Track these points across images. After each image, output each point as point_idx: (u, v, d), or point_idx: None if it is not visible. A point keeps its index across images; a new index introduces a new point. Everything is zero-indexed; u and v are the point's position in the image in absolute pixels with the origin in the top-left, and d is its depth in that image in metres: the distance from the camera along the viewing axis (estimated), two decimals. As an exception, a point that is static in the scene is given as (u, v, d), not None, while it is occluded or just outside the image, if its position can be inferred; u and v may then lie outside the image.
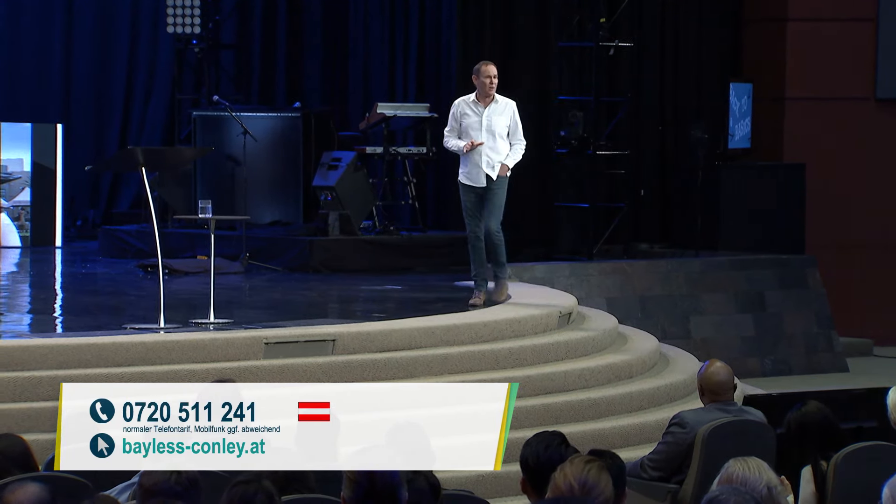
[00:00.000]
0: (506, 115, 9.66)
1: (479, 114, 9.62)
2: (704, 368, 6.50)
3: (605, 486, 3.99)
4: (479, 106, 9.62)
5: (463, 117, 9.63)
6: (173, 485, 4.11)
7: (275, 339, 8.20)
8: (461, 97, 9.82)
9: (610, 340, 9.75)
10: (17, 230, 14.51)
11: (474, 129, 9.58)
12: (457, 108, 9.71)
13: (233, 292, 10.94)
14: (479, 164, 9.60)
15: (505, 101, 9.68)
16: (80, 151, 14.98)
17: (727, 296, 13.15)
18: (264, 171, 13.64)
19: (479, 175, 9.61)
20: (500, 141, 9.63)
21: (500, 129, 9.62)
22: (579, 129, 13.58)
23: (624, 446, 8.06)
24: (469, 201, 9.67)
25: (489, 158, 9.61)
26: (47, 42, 15.45)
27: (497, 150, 9.62)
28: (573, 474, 3.95)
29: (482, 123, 9.59)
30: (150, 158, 9.05)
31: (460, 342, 8.75)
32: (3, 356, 7.58)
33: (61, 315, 10.20)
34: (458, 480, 7.12)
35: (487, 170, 9.61)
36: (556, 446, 4.67)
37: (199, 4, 14.70)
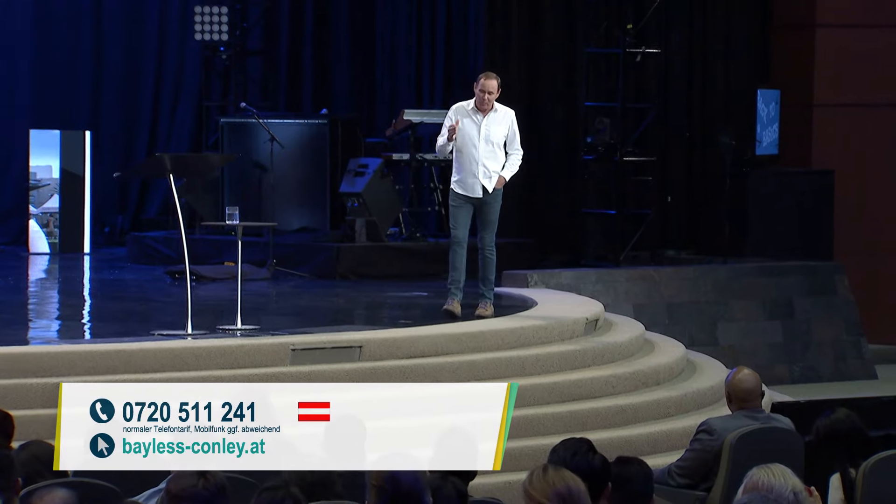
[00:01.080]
0: (504, 125, 9.39)
1: (478, 122, 9.35)
2: (732, 375, 6.48)
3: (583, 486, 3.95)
4: (478, 114, 9.35)
5: (462, 122, 9.34)
6: (200, 490, 4.10)
7: (301, 345, 8.21)
8: (460, 102, 9.53)
9: (637, 347, 9.72)
10: (45, 237, 14.58)
11: (471, 137, 9.31)
12: (454, 112, 9.41)
13: (260, 299, 10.97)
14: (474, 173, 9.32)
15: (504, 110, 9.42)
16: (109, 158, 15.05)
17: (755, 303, 13.10)
18: (291, 177, 13.67)
19: (475, 185, 9.33)
20: (498, 150, 9.37)
21: (497, 139, 9.35)
22: (606, 135, 13.56)
23: (651, 453, 8.03)
24: (458, 210, 9.38)
25: (485, 168, 9.33)
26: (76, 50, 15.53)
27: (494, 159, 9.35)
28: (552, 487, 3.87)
29: (480, 132, 9.32)
30: (177, 165, 9.09)
31: (487, 349, 8.74)
32: (33, 362, 7.61)
33: (90, 321, 10.24)
34: (486, 488, 7.11)
35: (484, 180, 9.34)
36: (584, 453, 4.65)
37: (226, 12, 14.75)
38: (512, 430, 8.07)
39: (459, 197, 9.36)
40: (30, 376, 7.52)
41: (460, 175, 9.35)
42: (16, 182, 14.95)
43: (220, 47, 14.89)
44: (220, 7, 14.75)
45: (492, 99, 9.27)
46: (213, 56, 15.03)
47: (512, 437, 8.03)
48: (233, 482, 4.35)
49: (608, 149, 13.56)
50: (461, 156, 9.32)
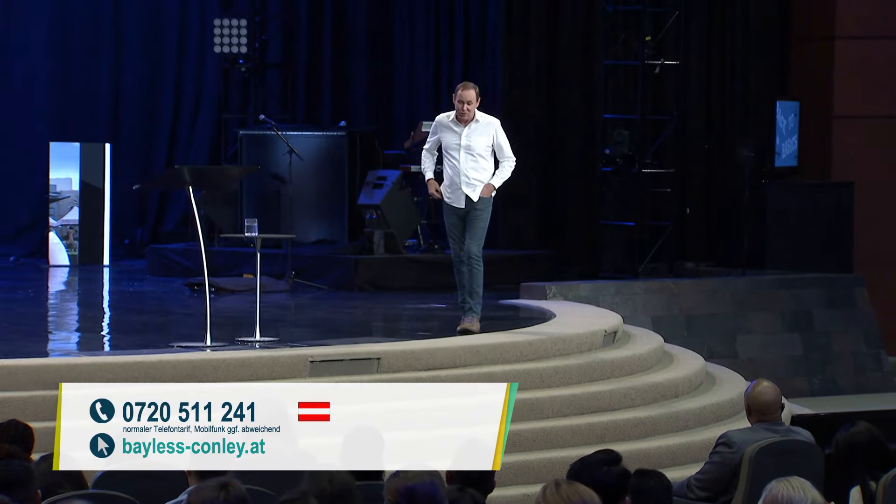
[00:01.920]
0: (486, 135, 9.17)
1: (458, 132, 9.17)
2: (752, 388, 6.46)
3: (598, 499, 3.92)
4: (459, 125, 9.17)
5: (442, 135, 9.20)
6: (221, 502, 4.11)
7: (320, 357, 8.22)
8: (442, 114, 9.37)
9: (655, 359, 9.70)
10: (65, 249, 14.63)
11: (453, 149, 9.14)
12: (437, 124, 9.28)
13: (278, 311, 10.98)
14: (458, 184, 9.16)
15: (487, 120, 9.21)
16: (128, 170, 15.10)
17: (774, 315, 13.06)
18: (310, 189, 13.70)
19: (460, 196, 9.17)
20: (482, 160, 9.17)
21: (480, 149, 9.15)
22: (624, 147, 13.56)
23: (670, 466, 8.01)
24: (451, 223, 9.26)
25: (467, 178, 9.14)
26: (95, 62, 15.59)
27: (477, 169, 9.16)
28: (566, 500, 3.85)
29: (461, 143, 9.15)
30: (196, 177, 9.11)
31: (505, 360, 8.73)
32: (53, 374, 7.64)
33: (109, 333, 10.27)
34: (504, 501, 7.10)
35: (467, 190, 9.16)
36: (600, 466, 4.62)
37: (245, 24, 14.81)
38: (530, 442, 8.11)
39: (449, 209, 9.24)
40: (50, 388, 7.53)
41: (448, 187, 9.22)
42: (36, 194, 15.02)
43: (239, 60, 14.94)
44: (239, 20, 14.80)
45: (471, 109, 9.08)
46: (232, 68, 15.08)
47: (530, 449, 8.07)
48: (253, 494, 4.35)
49: (627, 160, 13.55)
50: (446, 167, 9.21)
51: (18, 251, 14.99)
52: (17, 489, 4.41)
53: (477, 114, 9.16)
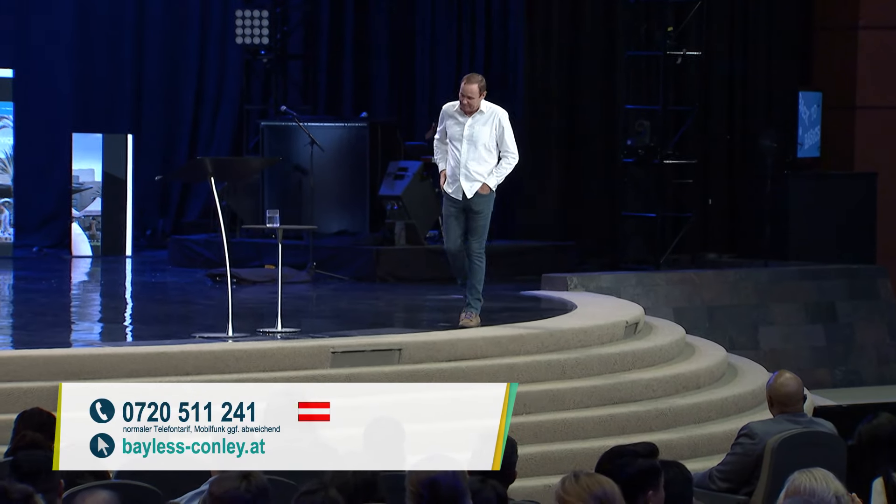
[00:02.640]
0: (490, 125, 8.98)
1: (462, 123, 8.99)
2: (774, 379, 6.44)
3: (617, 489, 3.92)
4: (464, 116, 9.00)
5: (447, 124, 9.03)
6: (243, 493, 4.12)
7: (342, 348, 8.23)
8: (449, 103, 9.19)
9: (677, 351, 9.68)
10: (88, 240, 14.69)
11: (456, 139, 8.98)
12: (444, 113, 9.10)
13: (300, 301, 11.00)
14: (457, 176, 8.98)
15: (491, 111, 9.01)
16: (150, 162, 15.15)
17: (797, 306, 13.02)
18: (331, 180, 13.71)
19: (458, 189, 8.99)
20: (484, 152, 8.98)
21: (483, 140, 8.97)
22: (646, 138, 13.53)
23: (692, 457, 8.00)
24: (447, 213, 9.08)
25: (467, 171, 8.97)
26: (118, 54, 15.63)
27: (480, 161, 8.96)
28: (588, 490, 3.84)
29: (464, 133, 8.96)
30: (218, 168, 9.12)
31: (526, 352, 8.73)
32: (75, 364, 7.67)
33: (131, 324, 10.31)
34: (525, 492, 7.10)
35: (466, 183, 8.97)
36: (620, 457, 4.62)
37: (267, 16, 14.82)
38: (551, 433, 8.11)
39: (448, 199, 9.06)
40: (72, 378, 7.57)
41: (448, 176, 9.08)
42: (59, 185, 15.07)
43: (260, 51, 14.96)
44: (261, 11, 14.82)
45: (473, 103, 8.91)
46: (254, 60, 15.10)
47: (551, 440, 8.07)
48: (274, 485, 4.36)
49: (648, 151, 13.52)
50: (448, 157, 9.06)
51: (41, 242, 15.06)
52: (41, 478, 4.44)
53: (482, 104, 8.99)
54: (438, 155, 9.19)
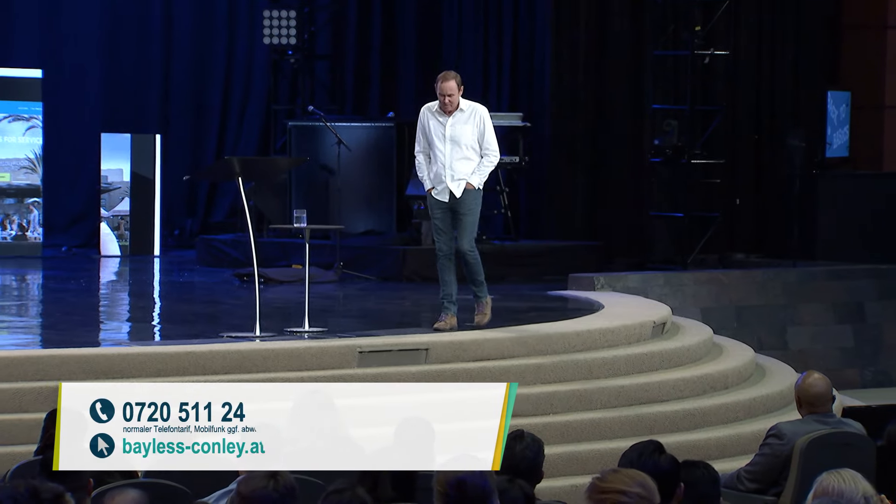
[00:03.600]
0: (471, 123, 8.74)
1: (443, 122, 8.75)
2: (802, 379, 6.42)
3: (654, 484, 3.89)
4: (443, 115, 8.76)
5: (427, 125, 8.78)
6: (270, 492, 4.13)
7: (368, 347, 8.24)
8: (427, 104, 8.92)
9: (705, 351, 9.66)
10: (116, 239, 14.75)
11: (438, 139, 8.73)
12: (422, 116, 8.83)
13: (327, 301, 11.02)
14: (442, 177, 8.74)
15: (472, 108, 8.77)
16: (178, 161, 15.20)
17: (825, 306, 12.97)
18: (358, 180, 13.73)
19: (444, 190, 8.78)
20: (468, 150, 8.74)
21: (465, 139, 8.73)
22: (674, 137, 13.50)
23: (720, 458, 7.98)
24: (436, 216, 8.83)
25: (453, 171, 8.72)
26: (146, 54, 15.69)
27: (463, 160, 8.73)
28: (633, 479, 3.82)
29: (445, 133, 8.72)
30: (246, 168, 9.14)
31: (553, 352, 8.72)
32: (104, 364, 7.70)
33: (159, 323, 10.34)
34: (552, 492, 7.10)
35: (451, 184, 8.75)
36: (650, 454, 4.62)
37: (294, 15, 14.85)
38: (578, 433, 8.10)
39: (434, 202, 8.82)
40: (101, 377, 7.61)
41: (432, 179, 8.83)
42: (87, 185, 15.14)
43: (288, 51, 14.99)
44: (288, 11, 14.85)
45: (453, 100, 8.69)
46: (282, 60, 15.14)
47: (579, 440, 8.06)
48: (302, 483, 4.37)
49: (676, 151, 13.49)
50: (432, 159, 8.80)
51: (70, 241, 15.13)
52: (69, 477, 4.46)
53: (461, 102, 8.75)
54: (422, 171, 8.84)
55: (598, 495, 3.75)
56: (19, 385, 7.30)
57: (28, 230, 14.62)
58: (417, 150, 8.89)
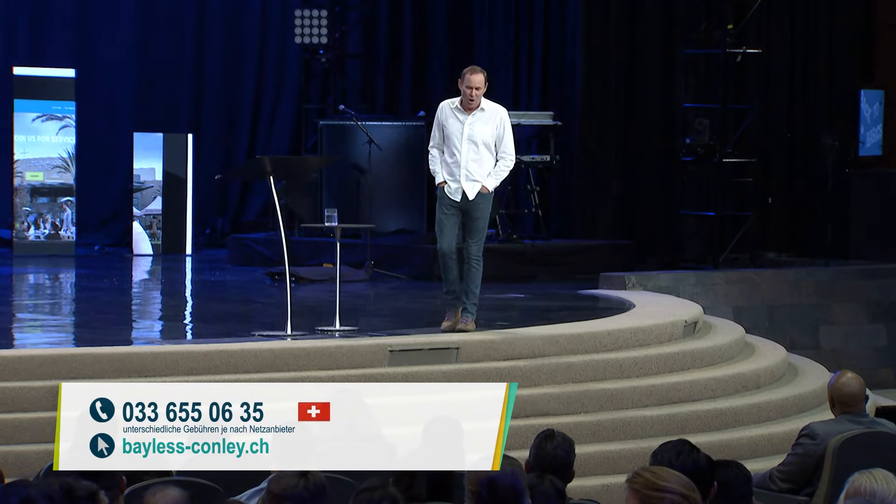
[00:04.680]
0: (492, 124, 8.55)
1: (462, 121, 8.56)
2: (835, 379, 6.38)
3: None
4: (463, 113, 8.57)
5: (445, 123, 8.60)
6: (301, 490, 4.14)
7: (399, 346, 8.25)
8: (446, 100, 8.72)
9: (737, 350, 9.62)
10: (148, 238, 14.82)
11: (455, 137, 8.54)
12: (441, 113, 8.64)
13: (358, 300, 11.04)
14: (457, 177, 8.56)
15: (493, 109, 8.59)
16: (210, 161, 15.26)
17: (858, 305, 12.90)
18: (389, 179, 13.75)
19: (458, 190, 8.57)
20: (485, 151, 8.55)
21: (484, 139, 8.54)
22: (705, 136, 13.45)
23: (752, 457, 7.95)
24: (445, 213, 8.61)
25: (468, 172, 8.54)
26: (178, 54, 15.76)
27: (480, 161, 8.54)
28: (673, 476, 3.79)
29: (464, 131, 8.54)
30: (277, 167, 9.17)
31: (584, 351, 8.70)
32: (136, 362, 7.74)
33: (191, 322, 10.38)
34: (584, 491, 7.09)
35: (466, 185, 8.55)
36: (688, 452, 4.60)
37: (326, 15, 14.88)
38: (610, 432, 8.08)
39: (445, 200, 8.61)
40: (133, 376, 7.65)
41: (446, 178, 8.64)
42: (120, 184, 15.22)
43: (319, 50, 15.02)
44: (319, 10, 14.88)
45: (479, 95, 8.50)
46: (313, 59, 15.17)
47: (609, 439, 8.04)
48: (332, 482, 4.38)
49: (707, 150, 13.44)
50: (447, 157, 8.62)
51: (103, 240, 15.22)
52: (103, 475, 4.48)
53: (483, 101, 8.58)
54: (435, 165, 8.66)
55: (649, 491, 3.72)
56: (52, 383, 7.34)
57: (61, 229, 14.71)
58: (432, 144, 8.73)
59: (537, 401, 8.06)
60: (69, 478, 3.90)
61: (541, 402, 8.07)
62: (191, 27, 15.75)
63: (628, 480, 3.77)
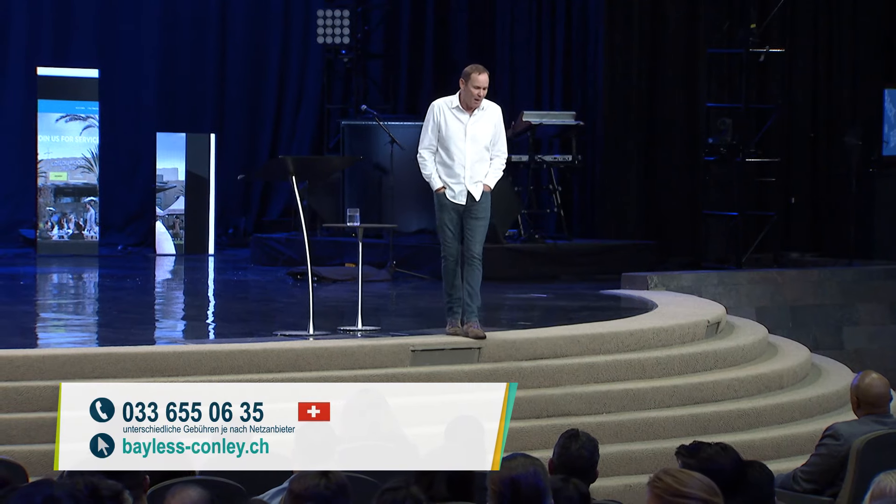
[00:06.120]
0: (490, 123, 8.35)
1: (464, 121, 8.33)
2: (859, 380, 6.36)
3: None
4: (464, 112, 8.34)
5: (443, 123, 8.36)
6: (323, 490, 4.15)
7: (421, 346, 8.25)
8: (440, 99, 8.48)
9: (759, 350, 9.60)
10: (171, 238, 14.86)
11: (458, 138, 8.30)
12: (438, 113, 8.39)
13: (380, 300, 11.04)
14: (461, 179, 8.31)
15: (491, 107, 8.38)
16: (233, 161, 15.30)
17: (882, 305, 12.84)
18: (411, 179, 13.71)
19: (462, 192, 8.33)
20: (484, 151, 8.34)
21: (484, 139, 8.32)
22: (728, 136, 13.41)
23: (775, 458, 7.92)
24: (448, 218, 8.37)
25: (472, 173, 8.32)
26: (201, 55, 15.80)
27: (482, 161, 8.33)
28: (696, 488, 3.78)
29: (466, 132, 8.32)
30: (300, 167, 9.18)
31: (606, 351, 8.69)
32: (159, 361, 7.76)
33: (214, 322, 10.41)
34: (606, 491, 7.08)
35: (470, 186, 8.32)
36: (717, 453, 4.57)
37: (348, 15, 14.90)
38: (632, 432, 8.07)
39: (448, 204, 8.36)
40: (156, 376, 7.67)
41: (445, 182, 8.38)
42: (143, 185, 15.27)
43: (341, 50, 15.04)
44: (342, 10, 14.90)
45: (484, 95, 8.31)
46: (335, 59, 15.19)
47: (632, 439, 8.03)
48: (354, 482, 4.38)
49: (730, 150, 13.40)
50: (446, 159, 8.36)
51: (126, 240, 15.27)
52: (126, 474, 4.49)
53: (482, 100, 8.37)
54: (428, 168, 8.40)
55: (671, 497, 3.71)
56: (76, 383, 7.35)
57: (84, 229, 14.77)
58: (423, 146, 8.45)
59: (559, 401, 8.05)
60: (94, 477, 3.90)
61: (563, 402, 8.06)
62: (214, 28, 15.79)
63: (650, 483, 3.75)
